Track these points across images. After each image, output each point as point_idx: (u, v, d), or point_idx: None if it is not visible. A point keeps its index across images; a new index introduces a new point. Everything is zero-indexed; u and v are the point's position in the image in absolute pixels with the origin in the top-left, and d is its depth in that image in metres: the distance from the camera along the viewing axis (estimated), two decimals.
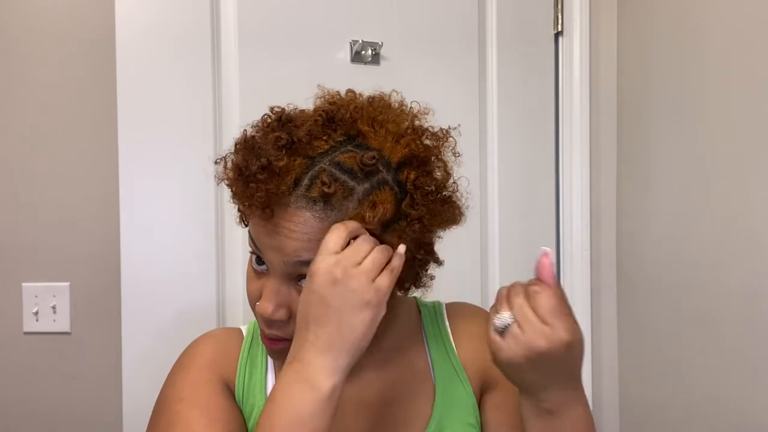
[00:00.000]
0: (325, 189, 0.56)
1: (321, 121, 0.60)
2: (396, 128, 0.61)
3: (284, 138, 0.57)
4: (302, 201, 0.57)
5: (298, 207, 0.57)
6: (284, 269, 0.59)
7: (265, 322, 0.61)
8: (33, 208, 1.14)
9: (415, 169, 0.60)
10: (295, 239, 0.57)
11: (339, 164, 0.58)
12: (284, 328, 0.61)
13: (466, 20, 1.28)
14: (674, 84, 1.16)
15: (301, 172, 0.57)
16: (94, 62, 1.14)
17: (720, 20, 1.05)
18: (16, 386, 1.14)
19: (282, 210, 0.57)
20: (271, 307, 0.59)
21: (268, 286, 0.60)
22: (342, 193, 0.57)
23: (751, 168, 0.99)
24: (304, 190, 0.57)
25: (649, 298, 1.24)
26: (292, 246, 0.57)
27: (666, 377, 1.19)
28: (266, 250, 0.59)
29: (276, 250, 0.58)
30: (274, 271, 0.60)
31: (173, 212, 1.12)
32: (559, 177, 1.35)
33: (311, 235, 0.57)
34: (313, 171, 0.57)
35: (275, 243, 0.58)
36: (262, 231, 0.59)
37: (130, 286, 1.10)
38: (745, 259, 1.00)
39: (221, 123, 1.15)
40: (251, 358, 0.70)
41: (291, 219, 0.57)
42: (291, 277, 0.60)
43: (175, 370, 0.69)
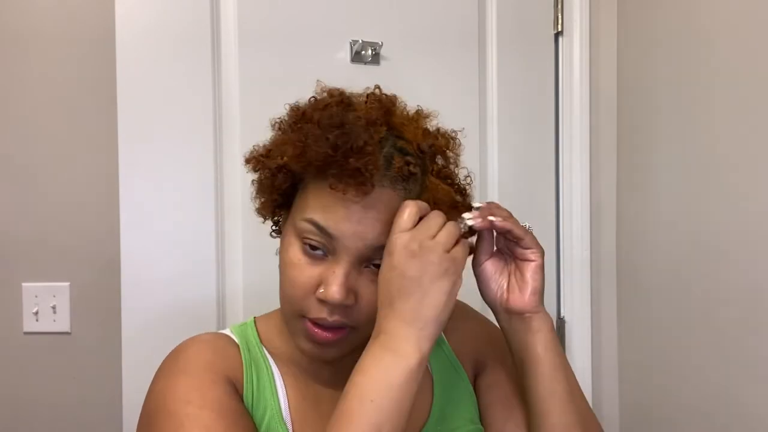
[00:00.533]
0: (410, 168, 0.60)
1: (375, 107, 0.63)
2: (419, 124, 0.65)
3: (362, 119, 0.60)
4: (385, 180, 0.60)
5: (381, 185, 0.59)
6: (362, 253, 0.59)
7: (329, 309, 0.60)
8: (33, 208, 1.14)
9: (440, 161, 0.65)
10: (378, 220, 0.59)
11: (402, 149, 0.62)
12: (350, 314, 0.60)
13: (466, 20, 1.28)
14: (674, 84, 1.16)
15: (379, 152, 0.59)
16: (94, 62, 1.14)
17: (720, 20, 1.05)
18: (16, 386, 1.14)
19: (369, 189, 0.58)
20: (343, 291, 0.58)
21: (337, 271, 0.59)
22: (414, 175, 0.61)
23: (751, 167, 0.99)
24: (386, 169, 0.59)
25: (649, 298, 1.24)
26: (376, 228, 0.59)
27: (666, 377, 1.19)
28: (344, 235, 0.58)
29: (358, 234, 0.58)
30: (346, 255, 0.59)
31: (173, 212, 1.12)
32: (559, 177, 1.35)
33: (391, 215, 0.59)
34: (385, 152, 0.60)
35: (358, 227, 0.58)
36: (342, 215, 0.58)
37: (130, 286, 1.10)
38: (745, 259, 1.00)
39: (221, 123, 1.15)
40: (255, 362, 0.68)
41: (378, 198, 0.59)
42: (362, 261, 0.60)
43: (167, 374, 0.64)
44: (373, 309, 0.59)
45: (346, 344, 0.63)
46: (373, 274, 0.60)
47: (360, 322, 0.61)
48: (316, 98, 0.64)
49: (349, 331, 0.62)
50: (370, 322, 0.59)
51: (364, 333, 0.61)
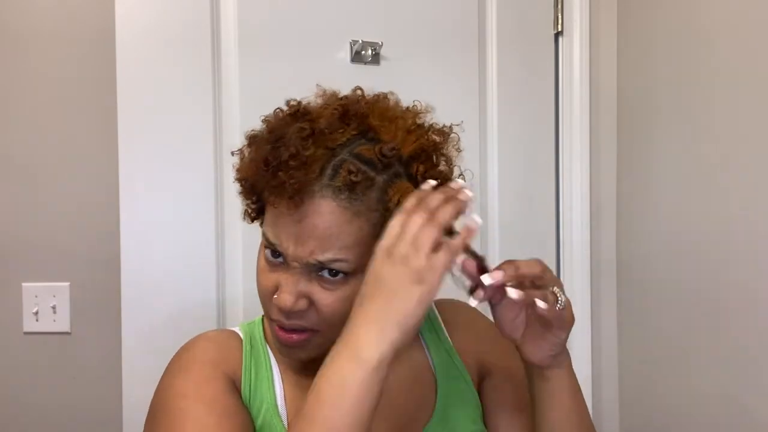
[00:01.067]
0: (352, 177, 0.57)
1: (337, 114, 0.61)
2: (404, 124, 0.62)
3: (307, 128, 0.58)
4: (328, 190, 0.58)
5: (323, 196, 0.58)
6: (305, 263, 0.59)
7: (284, 314, 0.61)
8: (33, 208, 1.14)
9: (424, 163, 0.62)
10: (316, 236, 0.58)
11: (359, 155, 0.59)
12: (305, 317, 0.61)
13: (466, 20, 1.28)
14: (674, 84, 1.16)
15: (324, 162, 0.58)
16: (94, 62, 1.14)
17: (720, 20, 1.05)
18: (16, 386, 1.14)
19: (308, 199, 0.58)
20: (292, 298, 0.60)
21: (287, 278, 0.60)
22: (365, 183, 0.58)
23: (751, 167, 0.99)
24: (328, 179, 0.58)
25: (649, 298, 1.24)
26: (311, 244, 0.58)
27: (666, 377, 1.19)
28: (286, 244, 0.59)
29: (296, 246, 0.59)
30: (295, 264, 0.60)
31: (173, 212, 1.12)
32: (559, 177, 1.35)
33: (333, 228, 0.58)
34: (335, 161, 0.58)
35: (297, 237, 0.59)
36: (283, 224, 0.59)
37: (130, 286, 1.10)
38: (745, 259, 1.00)
39: (221, 123, 1.15)
40: (255, 358, 0.70)
41: (316, 209, 0.58)
42: (312, 270, 0.60)
43: (172, 371, 0.67)
44: (333, 314, 0.60)
45: (312, 347, 0.63)
46: (328, 281, 0.60)
47: (320, 326, 0.62)
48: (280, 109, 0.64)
49: (312, 334, 0.62)
50: (334, 326, 0.60)
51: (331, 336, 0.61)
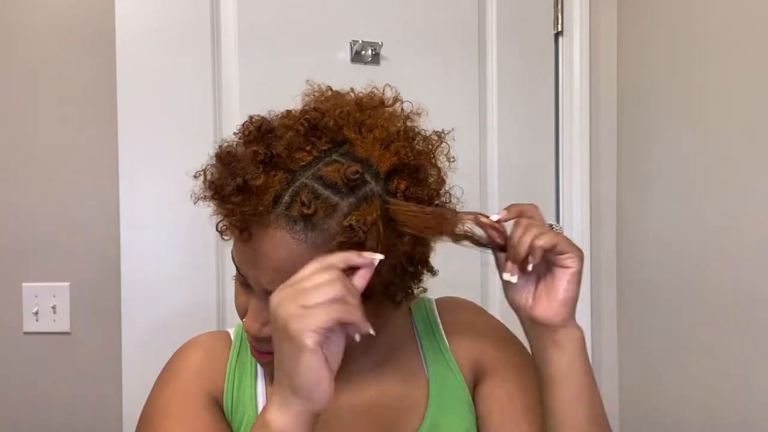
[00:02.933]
0: (304, 210, 0.52)
1: (303, 130, 0.56)
2: (384, 133, 0.57)
3: (262, 153, 0.54)
4: (282, 220, 0.53)
5: (277, 227, 0.53)
6: (263, 290, 0.57)
7: (253, 338, 0.62)
8: (33, 208, 1.14)
9: (406, 178, 0.56)
10: (271, 267, 0.54)
11: (321, 178, 0.54)
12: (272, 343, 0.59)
13: (466, 20, 1.28)
14: (674, 84, 1.16)
15: (281, 188, 0.53)
16: (94, 62, 1.14)
17: (720, 20, 1.05)
18: (16, 386, 1.14)
19: (261, 230, 0.54)
20: (257, 325, 0.59)
21: (253, 304, 0.60)
22: (324, 211, 0.53)
23: (751, 168, 0.99)
24: (284, 208, 0.53)
25: (649, 298, 1.24)
26: (269, 274, 0.55)
27: (666, 377, 1.19)
28: (247, 273, 0.58)
29: (255, 274, 0.57)
30: (256, 291, 0.59)
31: (173, 212, 1.12)
32: (559, 177, 1.35)
33: (288, 261, 0.53)
34: (294, 187, 0.54)
35: (254, 267, 0.56)
36: (241, 253, 0.58)
37: (130, 286, 1.10)
38: (745, 259, 1.00)
39: (221, 123, 1.15)
40: (240, 365, 0.69)
41: (269, 241, 0.54)
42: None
43: (160, 382, 0.68)
44: None
45: None
46: None
47: None
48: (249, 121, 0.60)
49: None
50: None
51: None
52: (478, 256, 1.27)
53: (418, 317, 0.74)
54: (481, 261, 1.28)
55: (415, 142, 0.60)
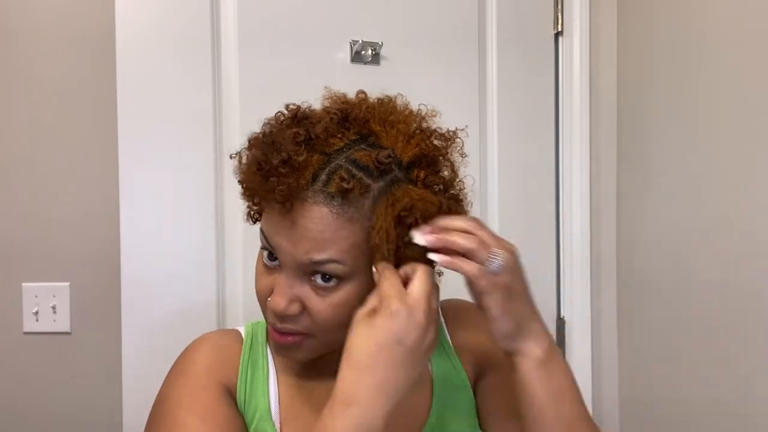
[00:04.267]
0: (344, 185, 0.56)
1: (336, 119, 0.61)
2: (406, 128, 0.62)
3: (302, 134, 0.58)
4: (320, 196, 0.58)
5: (315, 202, 0.57)
6: (298, 266, 0.59)
7: (278, 317, 0.61)
8: (33, 208, 1.14)
9: (425, 168, 0.61)
10: (310, 238, 0.58)
11: (355, 161, 0.59)
12: (298, 321, 0.61)
13: (466, 20, 1.28)
14: (674, 84, 1.16)
15: (318, 167, 0.58)
16: (94, 62, 1.14)
17: (720, 20, 1.05)
18: (16, 386, 1.14)
19: (299, 205, 0.58)
20: (284, 302, 0.60)
21: (281, 281, 0.61)
22: (359, 190, 0.57)
23: (751, 167, 0.99)
24: (322, 185, 0.58)
25: (649, 298, 1.24)
26: (305, 245, 0.58)
27: (666, 377, 1.19)
28: (280, 246, 0.60)
29: (290, 247, 0.59)
30: (287, 266, 0.60)
31: (173, 212, 1.12)
32: (559, 177, 1.35)
33: (326, 233, 0.57)
34: (330, 167, 0.58)
35: (290, 240, 0.59)
36: (277, 227, 0.60)
37: (130, 286, 1.10)
38: (745, 259, 1.00)
39: (221, 123, 1.15)
40: (252, 362, 0.70)
41: (308, 215, 0.58)
42: (304, 273, 0.60)
43: (172, 376, 0.68)
44: (325, 320, 0.60)
45: (306, 349, 0.63)
46: (321, 287, 0.60)
47: (313, 330, 0.62)
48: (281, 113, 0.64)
49: (305, 337, 0.62)
50: (326, 331, 0.61)
51: (324, 339, 0.62)
52: None
53: None
54: None
55: (432, 138, 0.64)
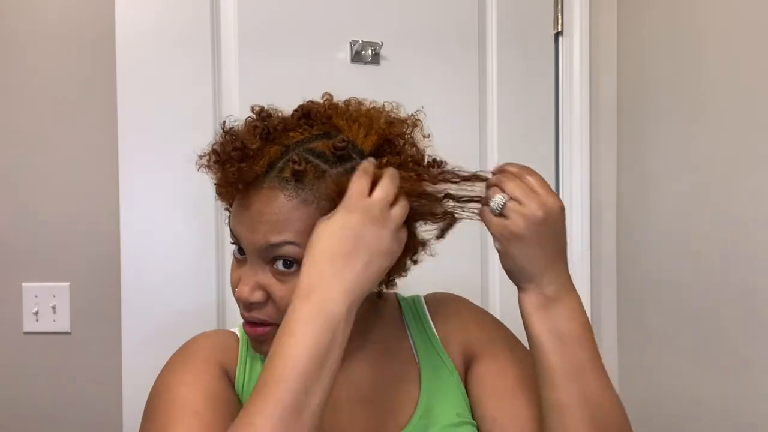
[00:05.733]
0: (296, 167, 0.58)
1: (297, 115, 0.64)
2: (368, 122, 0.64)
3: (260, 126, 0.62)
4: (274, 182, 0.60)
5: (270, 187, 0.60)
6: (258, 253, 0.61)
7: (245, 306, 0.64)
8: (33, 208, 1.14)
9: (387, 155, 0.63)
10: (265, 221, 0.60)
11: (311, 149, 0.61)
12: (263, 310, 0.63)
13: (466, 20, 1.28)
14: (674, 84, 1.16)
15: (275, 157, 0.60)
16: (93, 62, 1.14)
17: (719, 20, 1.05)
18: (16, 386, 1.14)
19: (255, 192, 0.60)
20: (247, 289, 0.62)
21: (246, 270, 0.63)
22: (313, 174, 0.59)
23: (750, 167, 0.99)
24: (277, 172, 0.60)
25: (649, 297, 1.24)
26: (262, 229, 0.60)
27: (666, 377, 1.19)
28: (241, 235, 0.62)
29: (249, 234, 0.61)
30: (250, 255, 0.62)
31: (173, 212, 1.12)
32: (559, 177, 1.35)
33: (280, 215, 0.59)
34: (287, 156, 0.60)
35: (249, 226, 0.61)
36: (237, 217, 0.63)
37: (130, 286, 1.10)
38: (745, 259, 1.00)
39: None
40: (251, 356, 0.71)
41: (263, 199, 0.60)
42: (266, 261, 0.62)
43: (171, 365, 0.69)
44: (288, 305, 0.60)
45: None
46: (283, 273, 0.61)
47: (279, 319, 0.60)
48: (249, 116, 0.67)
49: (273, 328, 0.62)
50: None
51: None
52: (478, 255, 1.27)
53: (408, 312, 0.77)
54: (480, 260, 1.28)
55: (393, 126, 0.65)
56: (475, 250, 1.27)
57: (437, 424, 0.67)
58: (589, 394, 0.59)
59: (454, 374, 0.72)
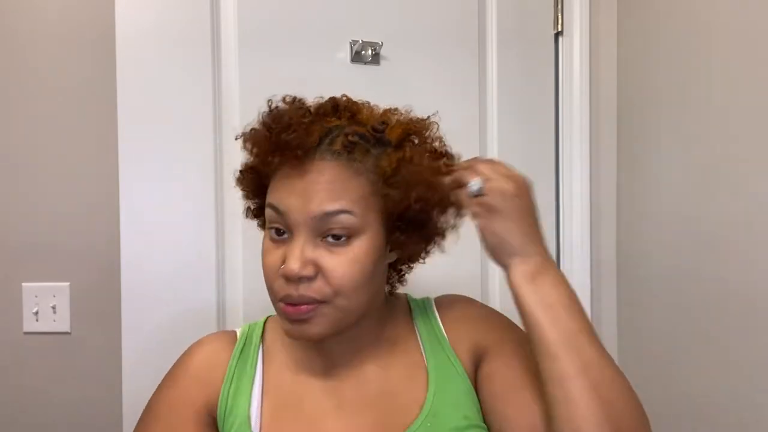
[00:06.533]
0: (350, 138, 0.63)
1: (329, 105, 0.68)
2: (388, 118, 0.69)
3: (304, 108, 0.66)
4: (327, 154, 0.63)
5: (323, 158, 0.63)
6: (311, 225, 0.62)
7: (293, 285, 0.63)
8: (33, 208, 1.14)
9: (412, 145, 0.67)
10: (321, 189, 0.62)
11: (354, 131, 0.64)
12: (312, 286, 0.63)
13: (466, 20, 1.28)
14: (674, 84, 1.16)
15: (322, 134, 0.64)
16: (94, 62, 1.14)
17: (720, 20, 1.05)
18: (16, 386, 1.14)
19: (309, 162, 0.63)
20: (297, 264, 0.62)
21: (292, 248, 0.63)
22: (362, 149, 0.64)
23: (750, 167, 0.99)
24: (328, 145, 0.64)
25: (649, 298, 1.24)
26: (317, 197, 0.62)
27: (666, 377, 1.19)
28: (292, 207, 0.63)
29: (303, 204, 0.62)
30: (299, 229, 0.63)
31: (173, 212, 1.12)
32: (559, 177, 1.35)
33: (336, 184, 0.62)
34: (333, 134, 0.64)
35: (303, 196, 0.62)
36: (289, 188, 0.64)
37: (130, 286, 1.10)
38: (745, 259, 1.00)
39: (221, 123, 1.14)
40: (241, 363, 0.72)
41: (317, 169, 0.62)
42: (318, 233, 0.63)
43: (163, 383, 0.72)
44: (342, 277, 0.63)
45: (322, 320, 0.64)
46: (333, 246, 0.63)
47: (329, 294, 0.63)
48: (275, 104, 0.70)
49: (320, 305, 0.63)
50: (342, 294, 0.63)
51: (341, 305, 0.64)
52: (478, 255, 1.27)
53: (417, 314, 0.77)
54: (481, 256, 1.28)
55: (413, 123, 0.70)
56: (475, 250, 1.27)
57: (443, 426, 0.67)
58: (587, 361, 0.60)
59: (464, 377, 0.71)
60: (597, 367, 0.60)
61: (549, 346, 0.60)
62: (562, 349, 0.60)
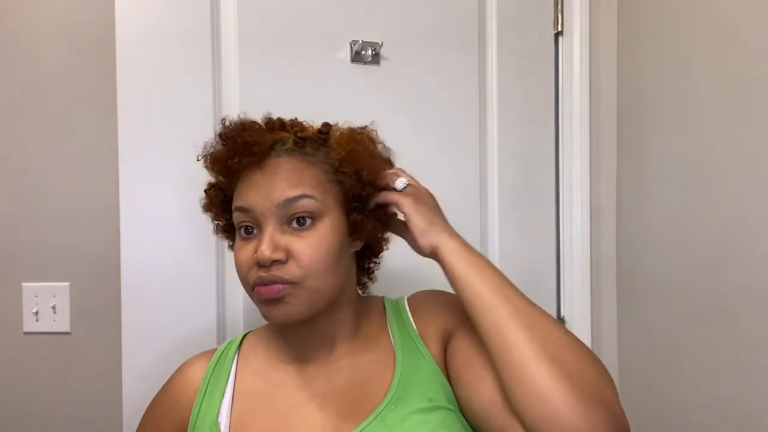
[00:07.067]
0: (299, 134, 0.73)
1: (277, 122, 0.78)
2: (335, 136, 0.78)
3: (257, 123, 0.75)
4: (281, 152, 0.72)
5: (278, 156, 0.72)
6: (277, 213, 0.69)
7: (265, 268, 0.68)
8: (33, 208, 1.14)
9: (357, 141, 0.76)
10: (280, 179, 0.69)
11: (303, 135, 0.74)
12: (284, 268, 0.68)
13: (466, 20, 1.28)
14: (674, 84, 1.16)
15: (273, 141, 0.73)
16: (94, 62, 1.14)
17: (719, 20, 1.05)
18: (16, 386, 1.14)
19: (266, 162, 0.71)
20: (270, 248, 0.68)
21: (262, 238, 0.69)
22: (312, 144, 0.73)
23: (750, 167, 0.99)
24: (280, 146, 0.73)
25: (649, 298, 1.24)
26: (278, 186, 0.69)
27: (666, 377, 1.19)
28: (254, 201, 0.70)
29: (266, 195, 0.69)
30: (267, 221, 0.70)
31: (173, 212, 1.11)
32: (559, 177, 1.35)
33: (294, 172, 0.70)
34: (283, 138, 0.74)
35: (266, 188, 0.70)
36: (251, 187, 0.71)
37: (130, 286, 1.10)
38: (745, 259, 1.00)
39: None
40: (215, 375, 0.78)
41: (275, 165, 0.71)
42: (283, 220, 0.70)
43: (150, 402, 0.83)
44: (311, 258, 0.69)
45: (296, 300, 0.70)
46: (300, 230, 0.70)
47: (299, 276, 0.69)
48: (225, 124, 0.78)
49: (292, 286, 0.69)
50: (312, 275, 0.69)
51: (312, 288, 0.69)
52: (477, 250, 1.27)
53: (390, 311, 0.83)
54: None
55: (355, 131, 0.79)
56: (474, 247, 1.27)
57: (407, 408, 0.71)
58: (521, 309, 0.67)
59: (431, 362, 0.76)
60: (530, 314, 0.67)
61: (484, 299, 0.68)
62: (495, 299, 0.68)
